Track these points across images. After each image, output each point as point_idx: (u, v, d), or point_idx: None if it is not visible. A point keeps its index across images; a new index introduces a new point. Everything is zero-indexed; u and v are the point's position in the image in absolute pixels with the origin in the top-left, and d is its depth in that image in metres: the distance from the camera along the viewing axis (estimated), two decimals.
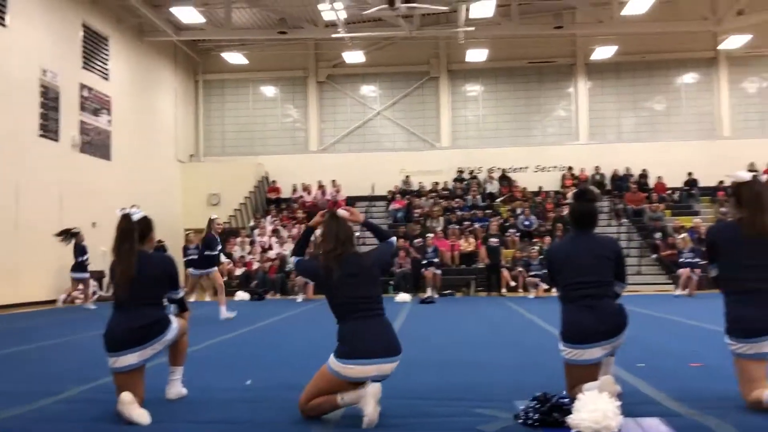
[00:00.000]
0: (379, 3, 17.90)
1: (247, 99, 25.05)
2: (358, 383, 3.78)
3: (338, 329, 3.99)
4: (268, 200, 23.67)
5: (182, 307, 4.60)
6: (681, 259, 15.93)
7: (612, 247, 4.25)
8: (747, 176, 4.12)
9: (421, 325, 9.59)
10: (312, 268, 4.21)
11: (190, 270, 10.73)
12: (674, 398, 4.24)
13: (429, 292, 16.16)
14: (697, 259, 15.26)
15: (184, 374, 4.59)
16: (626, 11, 19.72)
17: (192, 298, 15.92)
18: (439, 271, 16.99)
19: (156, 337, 4.18)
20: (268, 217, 22.11)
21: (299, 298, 16.14)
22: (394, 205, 22.12)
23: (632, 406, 3.82)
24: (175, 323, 4.36)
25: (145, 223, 4.38)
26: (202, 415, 4.07)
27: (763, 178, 4.15)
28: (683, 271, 15.52)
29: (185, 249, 16.90)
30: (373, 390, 3.66)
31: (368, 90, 24.85)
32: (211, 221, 11.30)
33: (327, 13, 19.67)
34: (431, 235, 18.20)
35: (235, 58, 23.08)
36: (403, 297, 15.13)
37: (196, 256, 16.73)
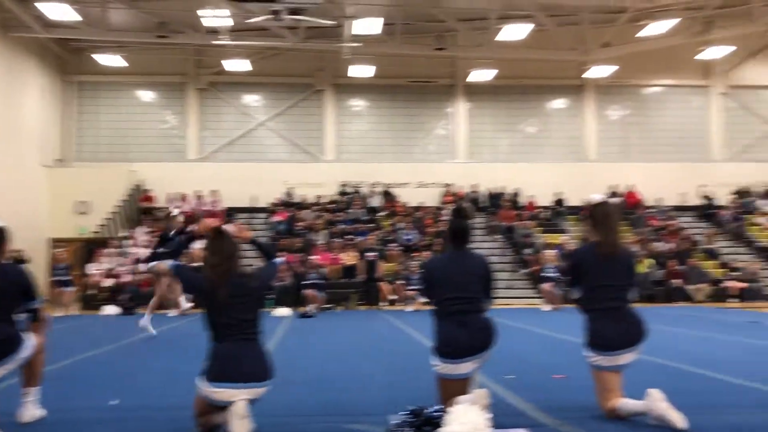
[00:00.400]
0: (264, 12, 17.71)
1: (123, 103, 23.93)
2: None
3: (212, 347, 3.87)
4: (141, 209, 22.66)
5: (36, 317, 4.26)
6: (542, 274, 16.74)
7: (483, 265, 4.40)
8: (599, 198, 4.43)
9: (298, 341, 9.50)
10: (195, 280, 4.06)
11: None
12: (540, 409, 4.44)
13: (309, 308, 16.04)
14: (557, 275, 16.16)
15: (43, 394, 4.28)
16: (502, 37, 20.68)
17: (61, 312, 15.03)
18: (322, 294, 16.84)
19: (8, 355, 3.87)
20: (141, 228, 21.17)
21: (172, 312, 15.51)
22: (275, 218, 21.86)
23: (502, 417, 3.95)
24: (31, 340, 4.05)
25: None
26: None
27: (615, 200, 4.48)
28: (545, 286, 16.32)
29: (54, 267, 15.97)
30: (236, 409, 3.59)
31: (252, 99, 24.48)
32: (170, 217, 11.50)
33: (209, 19, 19.21)
34: (317, 256, 17.97)
35: (110, 60, 21.99)
36: (283, 311, 14.94)
37: (65, 276, 15.78)
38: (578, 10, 21.90)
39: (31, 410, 4.20)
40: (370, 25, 19.11)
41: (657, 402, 3.80)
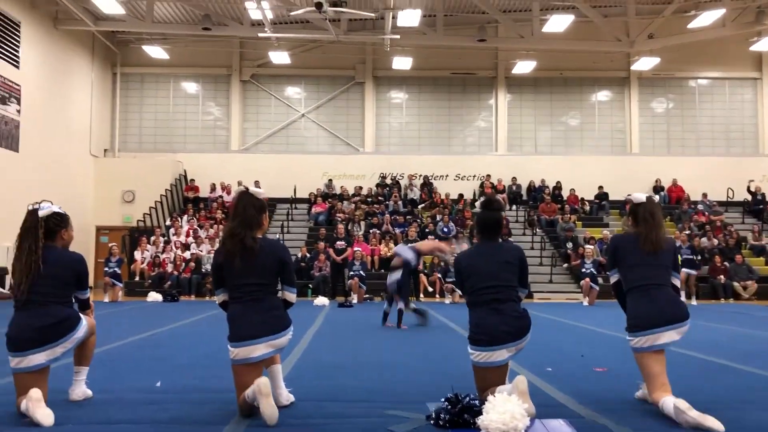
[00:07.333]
0: (307, 5, 17.84)
1: (168, 95, 24.42)
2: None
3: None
4: (185, 199, 23.12)
5: (85, 306, 4.42)
6: (583, 269, 16.39)
7: (515, 254, 4.38)
8: (642, 197, 4.39)
9: (337, 329, 9.59)
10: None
11: None
12: (578, 401, 4.42)
13: (351, 297, 16.14)
14: (594, 271, 15.85)
15: (89, 375, 4.43)
16: (546, 28, 20.43)
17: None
18: (363, 287, 16.82)
19: (66, 334, 4.02)
20: (185, 217, 21.60)
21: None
22: (315, 209, 22.06)
23: (540, 408, 3.94)
24: (85, 321, 4.20)
25: (55, 220, 4.20)
26: (107, 416, 3.94)
27: (656, 198, 4.43)
28: (584, 282, 15.98)
29: (107, 261, 16.40)
30: (259, 388, 3.65)
31: (293, 91, 24.71)
32: None
33: (253, 11, 19.46)
34: (359, 249, 17.85)
35: (155, 52, 22.43)
36: (322, 300, 15.10)
37: (117, 269, 16.17)
38: (623, 1, 21.49)
39: (82, 388, 4.36)
40: (410, 17, 19.09)
41: (688, 413, 3.68)
